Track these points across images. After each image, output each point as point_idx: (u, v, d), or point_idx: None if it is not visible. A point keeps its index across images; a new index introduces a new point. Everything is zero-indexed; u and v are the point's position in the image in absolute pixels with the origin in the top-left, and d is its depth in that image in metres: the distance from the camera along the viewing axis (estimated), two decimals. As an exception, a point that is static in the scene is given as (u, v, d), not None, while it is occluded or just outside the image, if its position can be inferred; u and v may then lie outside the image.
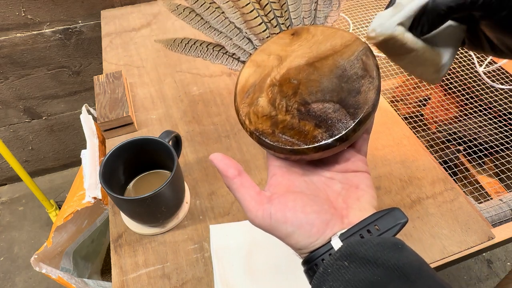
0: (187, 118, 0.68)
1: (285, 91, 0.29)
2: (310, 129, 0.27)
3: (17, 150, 1.30)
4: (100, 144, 0.68)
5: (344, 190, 0.28)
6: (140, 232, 0.52)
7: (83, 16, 1.00)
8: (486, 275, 1.22)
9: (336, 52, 0.29)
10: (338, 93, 0.27)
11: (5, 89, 1.10)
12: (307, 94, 0.28)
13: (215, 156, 0.29)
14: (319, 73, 0.29)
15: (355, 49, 0.29)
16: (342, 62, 0.29)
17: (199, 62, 0.80)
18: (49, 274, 0.67)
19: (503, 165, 0.64)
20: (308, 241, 0.26)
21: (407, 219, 0.26)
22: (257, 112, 0.29)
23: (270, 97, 0.29)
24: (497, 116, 0.73)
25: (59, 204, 1.32)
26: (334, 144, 0.27)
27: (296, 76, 0.29)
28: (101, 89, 0.68)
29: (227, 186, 0.29)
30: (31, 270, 1.20)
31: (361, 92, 0.27)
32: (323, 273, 0.24)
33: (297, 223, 0.26)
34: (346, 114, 0.27)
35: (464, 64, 0.83)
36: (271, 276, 0.49)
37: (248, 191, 0.27)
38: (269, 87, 0.29)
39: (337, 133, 0.26)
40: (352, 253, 0.24)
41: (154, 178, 0.55)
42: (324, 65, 0.29)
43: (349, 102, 0.27)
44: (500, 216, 0.56)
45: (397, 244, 0.24)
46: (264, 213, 0.26)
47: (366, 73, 0.28)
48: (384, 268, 0.23)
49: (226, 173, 0.28)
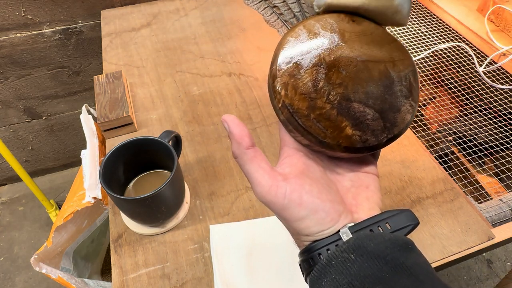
0: (187, 118, 0.68)
1: (331, 78, 0.27)
2: (346, 127, 0.26)
3: (17, 150, 1.30)
4: (100, 144, 0.68)
5: (354, 188, 0.28)
6: (140, 232, 0.52)
7: (83, 16, 1.00)
8: (486, 275, 1.22)
9: (390, 61, 0.29)
10: (381, 103, 0.27)
11: (5, 89, 1.10)
12: (351, 90, 0.27)
13: (229, 117, 0.26)
14: (369, 75, 0.28)
15: (407, 66, 0.29)
16: (393, 74, 0.28)
17: (199, 62, 0.80)
18: (49, 274, 0.67)
19: (503, 165, 0.64)
20: (319, 228, 0.24)
21: (419, 222, 0.25)
22: (297, 87, 0.27)
23: (315, 78, 0.27)
24: (497, 116, 0.73)
25: (59, 204, 1.32)
26: (363, 151, 0.26)
27: (347, 67, 0.28)
28: (101, 89, 0.68)
29: (235, 156, 0.26)
30: (31, 270, 1.20)
31: (400, 111, 0.27)
32: (325, 265, 0.23)
33: (313, 208, 0.24)
34: (382, 127, 0.27)
35: (464, 64, 0.83)
36: (271, 276, 0.49)
37: (261, 164, 0.25)
38: (316, 66, 0.27)
39: (369, 141, 0.26)
40: (361, 246, 0.22)
41: (154, 178, 0.55)
42: (375, 69, 0.28)
43: (388, 116, 0.27)
44: (500, 216, 0.56)
45: (407, 243, 0.23)
46: (278, 191, 0.24)
47: (410, 95, 0.28)
48: (392, 266, 0.22)
49: (241, 141, 0.26)
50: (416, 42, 0.88)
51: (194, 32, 0.88)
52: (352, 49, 0.29)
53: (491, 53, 0.83)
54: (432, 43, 0.88)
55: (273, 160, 0.60)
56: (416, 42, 0.88)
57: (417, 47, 0.87)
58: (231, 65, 0.79)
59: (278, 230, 0.53)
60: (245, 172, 0.26)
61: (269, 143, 0.64)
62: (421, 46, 0.87)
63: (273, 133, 0.65)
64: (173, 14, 0.93)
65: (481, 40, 0.86)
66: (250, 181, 0.26)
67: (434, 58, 0.85)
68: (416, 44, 0.88)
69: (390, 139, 0.27)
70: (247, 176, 0.26)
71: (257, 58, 0.80)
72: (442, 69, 0.83)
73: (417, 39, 0.89)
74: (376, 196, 0.27)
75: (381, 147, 0.27)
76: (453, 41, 0.88)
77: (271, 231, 0.53)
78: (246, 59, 0.80)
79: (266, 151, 0.63)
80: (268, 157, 0.62)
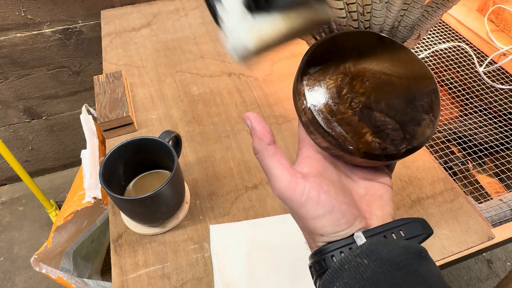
0: (187, 118, 0.68)
1: (354, 86, 0.28)
2: (366, 133, 0.27)
3: (17, 150, 1.30)
4: (100, 144, 0.68)
5: (368, 196, 0.28)
6: (140, 232, 0.52)
7: (83, 16, 1.00)
8: (486, 275, 1.22)
9: (413, 78, 0.30)
10: (402, 115, 0.28)
11: (5, 89, 1.10)
12: (374, 100, 0.28)
13: (252, 115, 0.27)
14: (392, 88, 0.29)
15: (428, 85, 0.30)
16: (415, 90, 0.29)
17: (199, 62, 0.80)
18: (49, 274, 0.67)
19: (503, 165, 0.64)
20: (334, 229, 0.24)
21: (432, 231, 0.25)
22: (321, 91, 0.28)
23: (339, 84, 0.28)
24: (497, 116, 0.73)
25: (59, 204, 1.32)
26: (381, 159, 0.27)
27: (370, 78, 0.29)
28: (101, 89, 0.68)
29: (256, 151, 0.27)
30: (31, 270, 1.20)
31: (421, 125, 0.28)
32: (338, 269, 0.23)
33: (330, 208, 0.24)
34: (402, 138, 0.27)
35: (464, 64, 0.83)
36: (271, 276, 0.49)
37: (282, 160, 0.26)
38: (341, 74, 0.29)
39: (389, 150, 0.27)
40: (374, 251, 0.22)
41: (154, 178, 0.55)
42: (398, 84, 0.29)
43: (408, 128, 0.28)
44: (500, 216, 0.56)
45: (421, 251, 0.23)
46: (297, 188, 0.25)
47: (431, 111, 0.29)
48: (406, 272, 0.22)
49: (263, 137, 0.26)
50: (416, 42, 0.88)
51: (194, 32, 0.88)
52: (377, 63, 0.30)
53: (491, 53, 0.83)
54: (432, 43, 0.88)
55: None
56: (416, 42, 0.88)
57: (417, 47, 0.87)
58: (231, 65, 0.79)
59: (278, 230, 0.53)
60: (264, 167, 0.26)
61: (269, 143, 0.64)
62: (421, 46, 0.87)
63: (273, 133, 0.65)
64: (173, 14, 0.93)
65: (481, 40, 0.86)
66: (269, 176, 0.26)
67: (434, 58, 0.85)
68: (416, 44, 0.87)
69: (409, 150, 0.27)
70: (266, 171, 0.26)
71: (257, 58, 0.80)
72: (442, 69, 0.83)
73: (417, 39, 0.89)
74: (390, 207, 0.28)
75: (399, 158, 0.27)
76: (453, 41, 0.88)
77: (271, 231, 0.53)
78: (246, 59, 0.80)
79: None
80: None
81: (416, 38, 0.37)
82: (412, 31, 0.36)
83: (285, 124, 0.67)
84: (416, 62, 0.31)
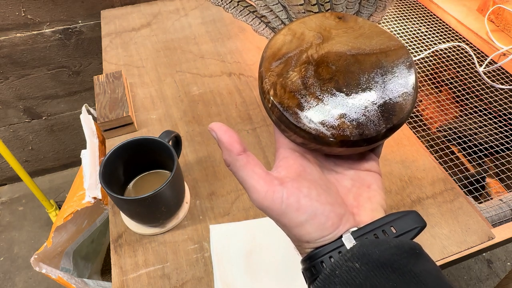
0: (187, 118, 0.68)
1: (320, 74, 0.27)
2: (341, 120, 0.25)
3: (17, 150, 1.30)
4: (100, 144, 0.68)
5: (355, 187, 0.27)
6: (140, 232, 0.52)
7: (83, 16, 1.00)
8: (486, 275, 1.22)
9: (381, 52, 0.28)
10: (376, 94, 0.26)
11: (5, 89, 1.10)
12: (343, 84, 0.26)
13: (217, 125, 0.25)
14: (360, 67, 0.27)
15: (400, 56, 0.28)
16: (385, 64, 0.27)
17: (199, 62, 0.80)
18: (49, 274, 0.67)
19: (503, 165, 0.64)
20: (319, 234, 0.23)
21: (425, 224, 0.24)
22: (286, 85, 0.26)
23: (303, 75, 0.27)
24: (497, 116, 0.73)
25: (59, 204, 1.32)
26: (360, 144, 0.25)
27: (336, 62, 0.27)
28: (101, 89, 0.68)
29: (227, 163, 0.25)
30: (31, 270, 1.20)
31: (398, 101, 0.26)
32: (329, 275, 0.22)
33: (311, 212, 0.23)
34: (380, 117, 0.25)
35: (464, 64, 0.83)
36: (271, 276, 0.49)
37: (255, 169, 0.24)
38: (304, 64, 0.27)
39: (367, 133, 0.25)
40: (366, 254, 0.21)
41: (154, 178, 0.55)
42: (366, 61, 0.27)
43: (385, 107, 0.26)
44: (500, 216, 0.56)
45: (415, 248, 0.22)
46: (275, 196, 0.23)
47: (406, 83, 0.27)
48: (400, 274, 0.21)
49: (231, 148, 0.24)
50: (416, 42, 0.88)
51: (194, 32, 0.88)
52: (341, 44, 0.28)
53: (491, 53, 0.83)
54: (432, 43, 0.88)
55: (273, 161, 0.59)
56: (416, 42, 0.88)
57: (417, 47, 0.87)
58: (231, 65, 0.79)
59: (278, 230, 0.53)
60: (239, 179, 0.25)
61: (269, 143, 0.64)
62: (421, 46, 0.87)
63: (273, 133, 0.65)
64: (173, 14, 0.93)
65: (481, 40, 0.86)
66: (245, 188, 0.24)
67: (434, 58, 0.85)
68: (416, 44, 0.88)
69: (389, 129, 0.25)
70: (242, 183, 0.25)
71: (257, 58, 0.80)
72: (442, 69, 0.83)
73: (417, 39, 0.89)
74: (379, 196, 0.26)
75: (381, 139, 0.26)
76: (453, 41, 0.88)
77: (271, 231, 0.53)
78: (246, 59, 0.80)
79: (266, 151, 0.63)
80: (269, 157, 0.62)
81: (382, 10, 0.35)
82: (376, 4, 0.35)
83: (285, 124, 0.67)
84: (382, 34, 0.29)
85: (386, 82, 0.27)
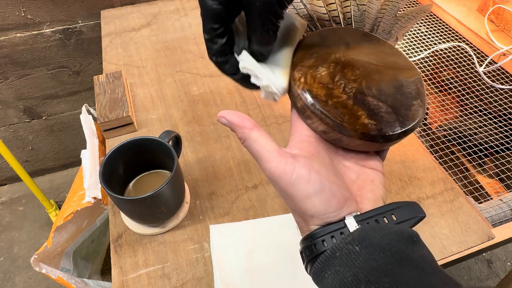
0: (187, 118, 0.68)
1: (346, 74, 0.30)
2: (362, 116, 0.28)
3: (17, 150, 1.30)
4: (100, 144, 0.68)
5: (359, 180, 0.28)
6: (140, 232, 0.52)
7: (83, 16, 1.00)
8: (486, 275, 1.22)
9: (398, 68, 0.32)
10: (393, 100, 0.29)
11: (5, 89, 1.10)
12: (365, 86, 0.29)
13: (224, 111, 0.27)
14: (380, 76, 0.30)
15: (413, 74, 0.32)
16: (401, 79, 0.31)
17: (199, 62, 0.80)
18: (49, 274, 0.67)
19: (503, 165, 0.64)
20: (325, 209, 0.24)
21: (425, 215, 0.25)
22: (315, 77, 0.29)
23: (331, 72, 0.29)
24: (497, 116, 0.73)
25: (59, 204, 1.32)
26: (378, 140, 0.27)
27: (360, 67, 0.30)
28: (101, 89, 0.68)
29: (242, 141, 0.26)
30: (31, 270, 1.20)
31: (411, 109, 0.29)
32: (329, 257, 0.23)
33: (320, 187, 0.24)
34: (396, 120, 0.28)
35: (464, 64, 0.83)
36: (271, 276, 0.49)
37: (268, 142, 0.26)
38: (332, 63, 0.30)
39: (385, 131, 0.27)
40: (366, 238, 0.22)
41: (154, 178, 0.55)
42: (385, 73, 0.31)
43: (400, 112, 0.29)
44: (500, 216, 0.56)
45: (413, 236, 0.23)
46: (287, 166, 0.24)
47: (419, 97, 0.30)
48: (398, 258, 0.21)
49: (243, 124, 0.26)
50: (416, 42, 0.88)
51: (194, 32, 0.88)
52: (364, 54, 0.32)
53: (491, 53, 0.83)
54: (432, 43, 0.88)
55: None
56: (416, 42, 0.88)
57: (417, 47, 0.87)
58: (231, 65, 0.79)
59: (278, 230, 0.53)
60: (253, 153, 0.26)
61: (269, 143, 0.64)
62: (421, 46, 0.87)
63: (273, 132, 0.65)
64: (173, 14, 0.93)
65: (481, 40, 0.86)
66: (258, 160, 0.26)
67: (434, 58, 0.85)
68: (416, 44, 0.88)
69: (403, 132, 0.28)
70: (255, 156, 0.26)
71: (257, 58, 0.80)
72: (442, 69, 0.83)
73: (417, 39, 0.89)
74: (381, 190, 0.28)
75: (395, 140, 0.28)
76: (453, 41, 0.88)
77: (271, 231, 0.53)
78: (246, 59, 0.80)
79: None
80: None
81: (394, 40, 0.39)
82: (389, 35, 0.39)
83: (285, 124, 0.67)
84: (399, 55, 0.33)
85: (402, 93, 0.30)
